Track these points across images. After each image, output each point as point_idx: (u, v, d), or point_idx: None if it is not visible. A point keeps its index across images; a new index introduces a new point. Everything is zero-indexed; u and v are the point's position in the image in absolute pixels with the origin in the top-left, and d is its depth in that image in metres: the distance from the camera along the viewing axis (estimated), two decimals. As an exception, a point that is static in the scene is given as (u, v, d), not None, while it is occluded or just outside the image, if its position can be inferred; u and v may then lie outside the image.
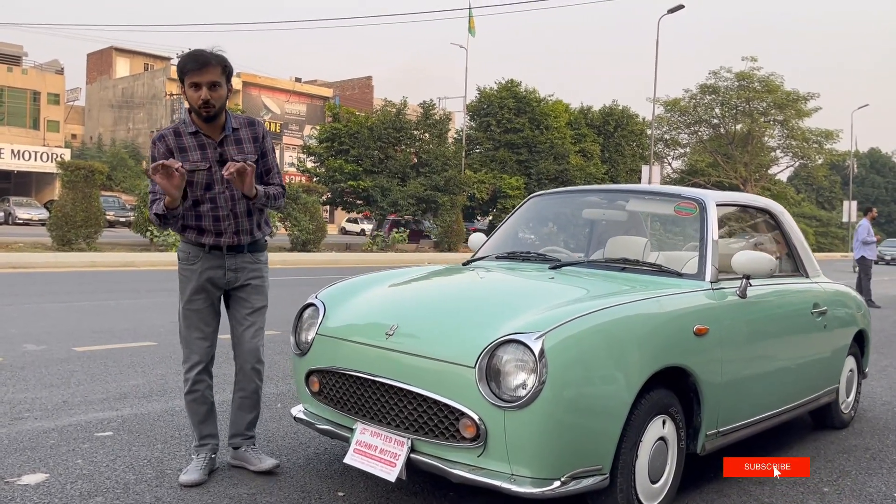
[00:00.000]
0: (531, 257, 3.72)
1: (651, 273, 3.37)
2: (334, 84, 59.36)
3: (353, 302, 3.22)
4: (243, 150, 3.15)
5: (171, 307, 8.98)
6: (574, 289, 3.06)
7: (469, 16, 33.58)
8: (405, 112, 30.67)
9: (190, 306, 3.22)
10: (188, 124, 3.11)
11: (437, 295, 3.20)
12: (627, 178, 39.08)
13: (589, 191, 4.54)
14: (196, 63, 2.96)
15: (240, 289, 3.27)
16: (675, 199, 3.71)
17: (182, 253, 3.23)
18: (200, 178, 3.08)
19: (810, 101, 40.88)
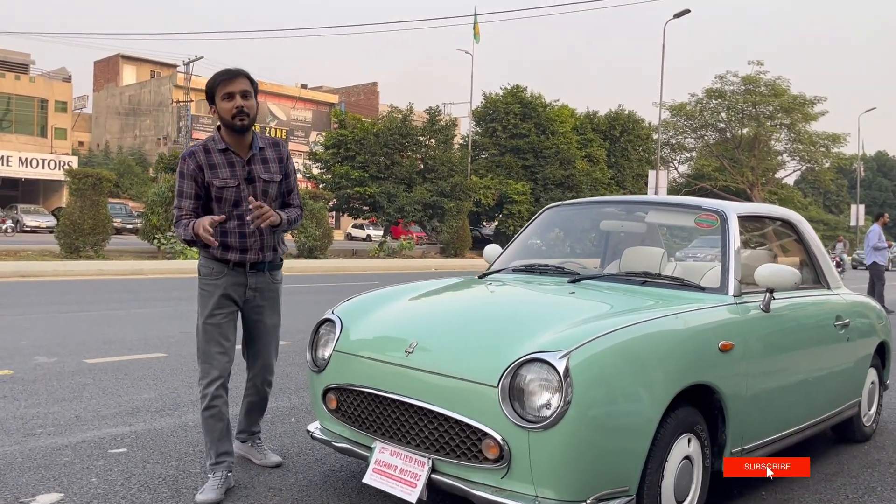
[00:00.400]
0: (549, 270, 3.67)
1: (673, 287, 3.31)
2: (340, 90, 59.47)
3: (370, 317, 3.18)
4: (269, 170, 3.22)
5: (180, 317, 9.02)
6: (596, 304, 3.01)
7: (474, 22, 33.62)
8: (411, 118, 30.67)
9: (210, 321, 3.22)
10: (217, 141, 3.16)
11: (457, 310, 3.15)
12: (634, 183, 39.00)
13: (606, 202, 4.49)
14: (226, 74, 3.06)
15: (257, 306, 3.32)
16: (695, 211, 3.66)
17: (205, 268, 3.25)
18: (229, 195, 3.13)
19: (817, 105, 40.76)
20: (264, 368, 3.45)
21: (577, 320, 2.73)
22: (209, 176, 3.09)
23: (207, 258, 3.23)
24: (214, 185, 3.09)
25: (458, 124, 35.27)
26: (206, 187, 3.12)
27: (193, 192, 3.12)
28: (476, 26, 33.17)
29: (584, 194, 34.09)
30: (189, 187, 3.12)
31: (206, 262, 3.24)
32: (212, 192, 3.12)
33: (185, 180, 3.12)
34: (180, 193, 3.14)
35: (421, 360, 2.74)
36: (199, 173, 3.09)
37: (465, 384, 2.59)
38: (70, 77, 50.50)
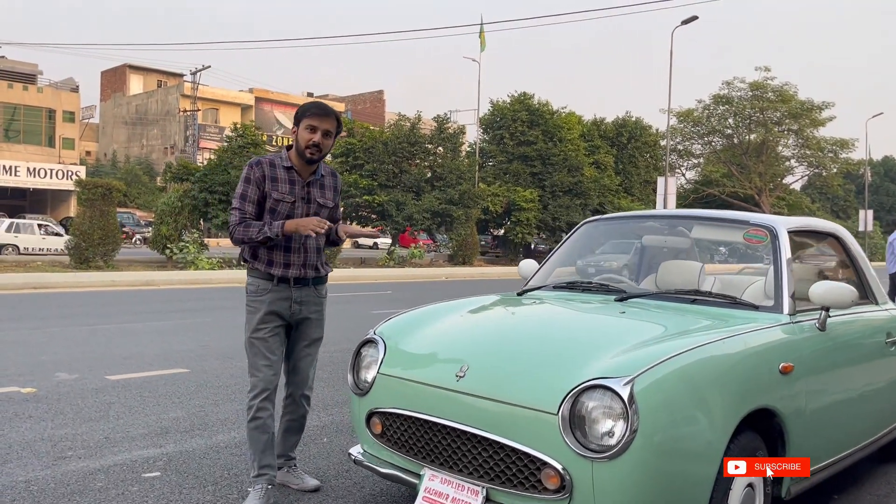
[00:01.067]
0: (592, 288, 3.59)
1: (724, 305, 3.22)
2: (346, 98, 59.58)
3: (414, 338, 3.10)
4: (325, 196, 3.37)
5: (197, 329, 8.94)
6: (651, 325, 2.92)
7: (480, 30, 33.60)
8: (419, 126, 30.65)
9: (256, 335, 3.29)
10: (284, 159, 3.29)
11: (505, 331, 3.06)
12: (641, 190, 38.89)
13: (647, 216, 4.39)
14: (319, 109, 3.23)
15: (301, 321, 3.38)
16: (743, 226, 3.57)
17: (251, 286, 3.32)
18: (284, 209, 3.24)
19: (825, 111, 40.60)
20: (303, 382, 3.47)
21: (635, 343, 2.64)
22: (269, 187, 3.22)
23: (254, 277, 3.33)
24: (272, 196, 3.21)
25: (465, 132, 35.13)
26: (264, 197, 3.23)
27: (256, 198, 3.23)
28: (482, 34, 33.14)
29: (592, 201, 34.00)
30: (254, 193, 3.23)
31: (253, 281, 3.33)
32: (267, 203, 3.22)
33: (250, 185, 3.22)
34: (244, 197, 3.23)
35: (473, 384, 2.65)
36: (263, 182, 3.22)
37: (521, 411, 2.50)
38: (77, 87, 50.64)
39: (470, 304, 3.50)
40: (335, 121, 3.25)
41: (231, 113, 50.86)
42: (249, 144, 24.21)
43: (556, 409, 2.41)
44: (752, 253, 4.20)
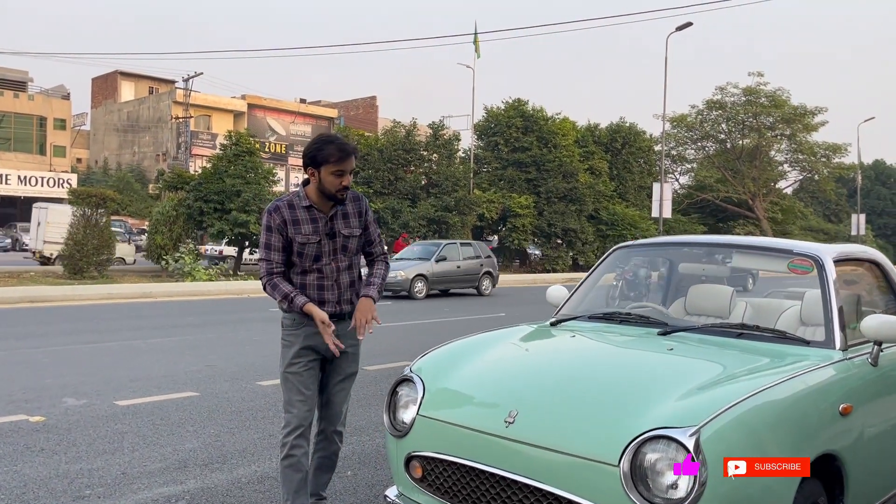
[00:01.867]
0: (632, 319, 3.48)
1: (773, 340, 3.12)
2: (339, 104, 59.41)
3: (455, 377, 2.99)
4: (349, 225, 3.24)
5: (201, 347, 8.78)
6: (704, 365, 2.82)
7: (475, 38, 33.57)
8: (415, 133, 30.56)
9: (290, 370, 3.21)
10: (302, 198, 3.18)
11: (554, 372, 2.94)
12: (636, 195, 38.87)
13: (682, 243, 4.29)
14: (341, 153, 3.08)
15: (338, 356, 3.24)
16: (787, 256, 3.47)
17: (286, 320, 3.23)
18: (310, 250, 3.17)
19: (818, 116, 40.77)
20: (336, 417, 3.36)
21: (693, 387, 2.54)
22: (292, 231, 3.15)
23: (287, 312, 3.24)
24: (297, 240, 3.14)
25: (461, 138, 35.05)
26: (289, 242, 3.16)
27: (281, 245, 3.16)
28: (477, 42, 33.10)
29: (587, 207, 33.94)
30: (277, 241, 3.15)
31: (288, 315, 3.23)
32: (294, 247, 3.16)
33: (272, 234, 3.15)
34: (268, 246, 3.17)
35: (524, 431, 2.54)
36: (285, 227, 3.15)
37: (578, 461, 2.39)
38: (69, 94, 50.34)
39: (506, 338, 3.39)
40: (354, 157, 3.16)
41: (223, 120, 50.62)
42: (244, 153, 24.03)
43: (616, 460, 2.31)
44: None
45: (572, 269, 32.97)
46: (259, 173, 23.76)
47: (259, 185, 23.22)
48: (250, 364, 7.63)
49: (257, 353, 8.48)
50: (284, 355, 3.21)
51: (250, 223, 21.53)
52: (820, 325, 3.54)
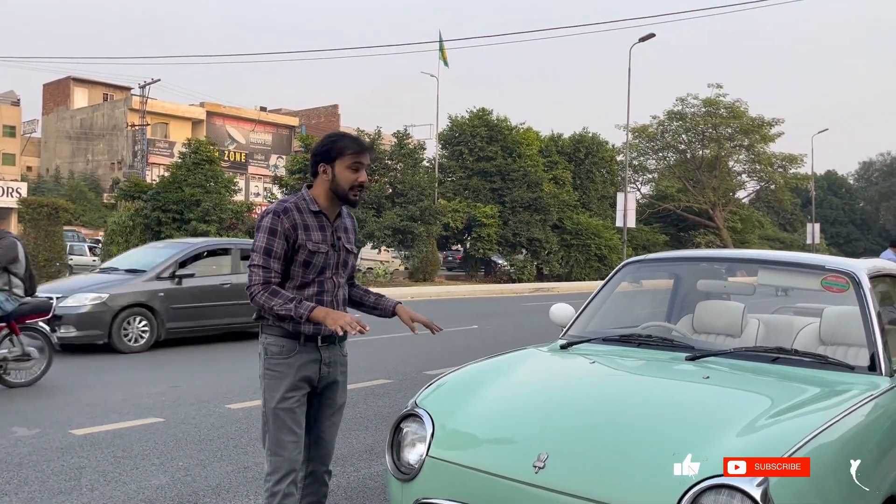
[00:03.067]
0: (653, 342, 3.20)
1: (812, 366, 2.86)
2: (300, 112, 58.66)
3: (468, 412, 2.66)
4: (349, 240, 2.95)
5: (162, 366, 8.21)
6: (751, 397, 2.55)
7: (440, 47, 33.39)
8: (379, 142, 30.19)
9: (283, 405, 2.76)
10: (310, 202, 2.82)
11: (582, 406, 2.62)
12: (599, 205, 39.07)
13: (698, 258, 4.03)
14: (358, 144, 2.81)
15: (329, 385, 2.91)
16: (819, 272, 3.23)
17: (273, 347, 2.80)
18: (319, 260, 2.80)
19: (775, 127, 41.59)
20: (327, 456, 2.98)
21: (745, 425, 2.26)
22: (303, 237, 2.76)
23: (277, 335, 2.79)
24: (307, 248, 2.76)
25: (426, 147, 34.79)
26: (295, 249, 2.75)
27: (283, 253, 2.75)
28: (443, 51, 32.91)
29: (552, 217, 33.94)
30: (281, 247, 2.74)
31: (276, 340, 2.80)
32: (299, 256, 2.76)
33: (277, 239, 2.73)
34: (269, 252, 2.74)
35: (557, 477, 2.22)
36: (293, 233, 2.75)
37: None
38: (18, 101, 48.71)
39: (518, 365, 3.07)
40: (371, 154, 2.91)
41: (181, 128, 49.51)
42: (204, 161, 23.39)
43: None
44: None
45: (537, 278, 32.88)
46: (220, 182, 23.15)
47: (220, 194, 22.62)
48: (217, 384, 7.18)
49: (223, 371, 8.02)
50: (273, 388, 2.77)
51: (210, 233, 20.90)
52: (843, 346, 3.32)
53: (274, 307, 2.69)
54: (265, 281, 2.72)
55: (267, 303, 2.70)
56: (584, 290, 28.01)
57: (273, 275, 2.73)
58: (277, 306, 2.68)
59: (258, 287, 2.72)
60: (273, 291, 2.71)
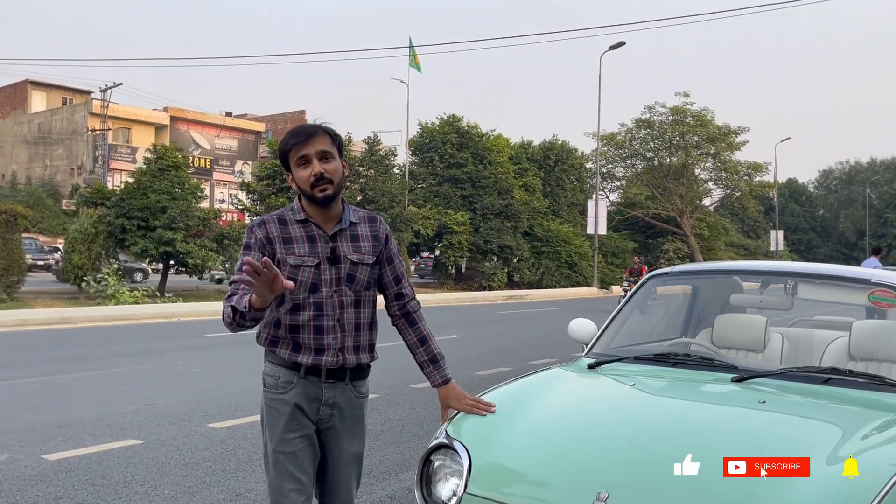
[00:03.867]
0: (691, 361, 3.00)
1: (870, 387, 2.68)
2: (266, 118, 57.93)
3: (508, 444, 2.42)
4: (360, 249, 2.48)
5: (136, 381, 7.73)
6: (820, 426, 2.35)
7: (411, 53, 33.18)
8: (349, 148, 29.84)
9: (283, 448, 2.41)
10: (296, 211, 2.45)
11: (636, 436, 2.38)
12: (568, 212, 39.20)
13: (729, 270, 3.85)
14: (300, 135, 2.38)
15: (333, 428, 2.47)
16: (865, 286, 3.06)
17: (269, 378, 2.46)
18: (306, 276, 2.39)
19: (740, 135, 42.22)
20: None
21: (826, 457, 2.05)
22: (282, 252, 2.39)
23: (273, 363, 2.45)
24: (288, 262, 2.38)
25: (396, 154, 34.50)
26: (278, 266, 2.34)
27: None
28: (415, 56, 32.70)
29: (522, 224, 33.91)
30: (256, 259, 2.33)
31: (272, 370, 2.45)
32: (283, 273, 2.31)
33: (250, 252, 2.40)
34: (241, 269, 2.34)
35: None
36: (268, 246, 2.39)
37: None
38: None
39: (550, 388, 2.84)
40: (327, 135, 2.39)
41: (144, 133, 48.47)
42: (170, 167, 22.80)
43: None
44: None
45: (508, 286, 32.78)
46: (186, 189, 22.58)
47: (186, 200, 22.05)
48: (196, 401, 6.83)
49: (200, 387, 7.66)
50: (271, 427, 2.43)
51: (177, 241, 20.36)
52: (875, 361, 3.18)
53: (225, 313, 2.25)
54: (231, 294, 2.31)
55: (225, 310, 2.27)
56: (556, 297, 28.00)
57: (241, 292, 2.28)
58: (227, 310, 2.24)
59: (223, 303, 2.32)
60: (230, 296, 2.29)
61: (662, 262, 40.90)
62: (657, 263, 41.24)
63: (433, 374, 2.59)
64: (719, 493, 1.99)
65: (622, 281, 19.35)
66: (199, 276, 22.31)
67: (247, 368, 8.87)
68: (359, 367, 2.48)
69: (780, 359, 3.52)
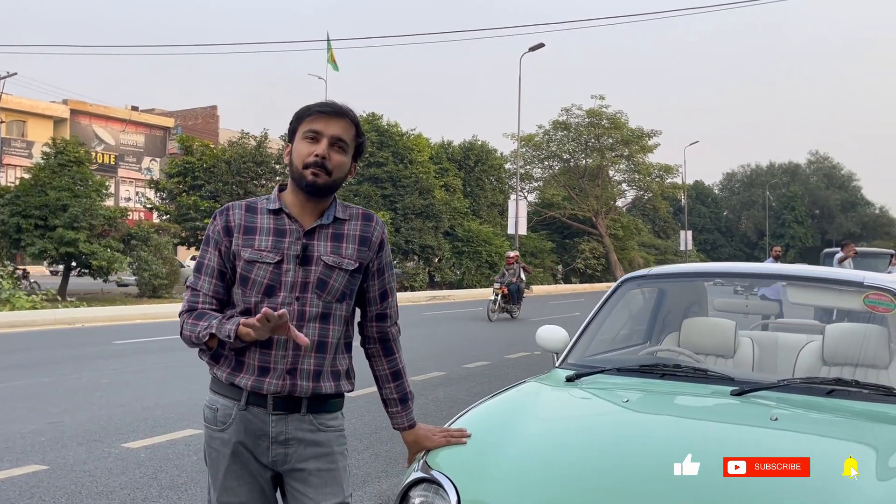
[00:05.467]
0: (681, 373, 2.76)
1: (876, 399, 2.50)
2: (175, 113, 55.63)
3: (497, 474, 2.10)
4: (340, 251, 2.02)
5: (36, 397, 6.91)
6: (842, 445, 2.13)
7: (328, 48, 32.50)
8: (266, 145, 28.93)
9: (227, 499, 1.99)
10: (272, 200, 2.05)
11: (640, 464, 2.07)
12: (488, 212, 39.36)
13: (709, 273, 3.64)
14: (325, 106, 1.99)
15: (296, 473, 1.99)
16: (859, 290, 2.91)
17: (207, 410, 2.02)
18: (261, 275, 1.96)
19: (653, 138, 43.59)
20: None
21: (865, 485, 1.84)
22: (239, 243, 1.98)
23: (213, 390, 2.02)
24: (242, 257, 1.97)
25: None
26: (232, 260, 1.99)
27: (216, 268, 2.00)
28: (331, 53, 32.02)
29: (444, 224, 33.78)
30: (212, 259, 2.01)
31: (211, 399, 2.02)
32: (237, 269, 1.98)
33: (209, 248, 2.03)
34: (199, 268, 2.03)
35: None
36: (225, 238, 2.00)
37: None
38: None
39: (530, 407, 2.55)
40: (352, 125, 2.01)
41: (41, 126, 45.59)
42: (71, 162, 21.40)
43: None
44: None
45: (429, 286, 32.57)
46: (90, 186, 21.25)
47: (90, 198, 20.75)
48: (107, 418, 6.20)
49: (112, 401, 7.00)
50: (213, 472, 2.02)
51: (79, 241, 19.10)
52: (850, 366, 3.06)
53: (200, 334, 1.91)
54: (190, 308, 1.99)
55: (191, 333, 1.94)
56: (479, 297, 27.88)
57: (202, 298, 1.99)
58: (201, 333, 1.91)
59: (183, 317, 1.99)
60: (199, 314, 1.96)
61: (579, 261, 41.70)
62: (573, 263, 42.02)
63: (400, 414, 2.18)
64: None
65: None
66: (104, 279, 21.09)
67: (164, 379, 8.23)
68: (317, 395, 1.98)
69: (752, 365, 3.37)
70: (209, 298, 1.99)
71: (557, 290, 35.47)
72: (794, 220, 74.01)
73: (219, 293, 2.00)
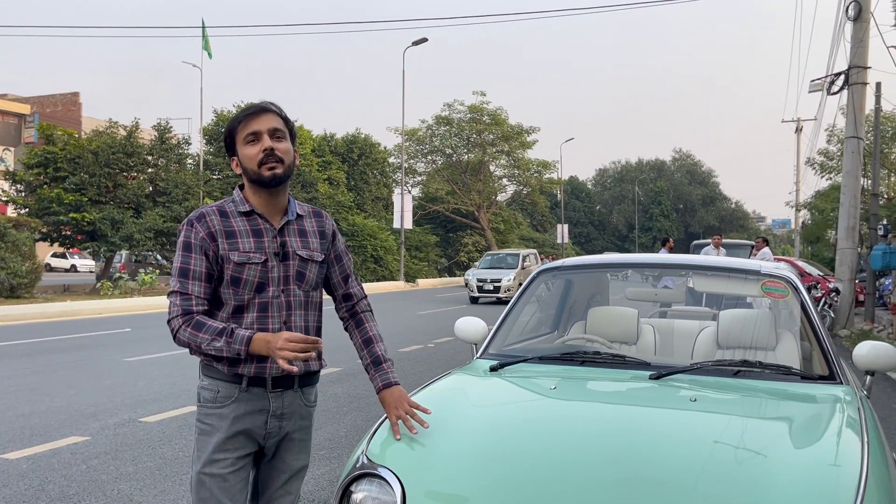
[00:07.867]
0: (600, 359, 2.86)
1: (779, 378, 2.69)
2: (32, 99, 51.64)
3: (444, 465, 2.09)
4: (308, 245, 2.27)
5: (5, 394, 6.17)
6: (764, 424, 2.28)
7: (203, 34, 31.20)
8: (137, 135, 27.38)
9: (210, 470, 2.11)
10: (239, 202, 2.21)
11: (578, 452, 2.10)
12: (373, 206, 39.26)
13: (621, 264, 3.77)
14: (252, 109, 2.18)
15: (282, 440, 2.25)
16: (757, 277, 3.11)
17: (206, 392, 2.18)
18: (251, 275, 2.16)
19: (532, 134, 44.86)
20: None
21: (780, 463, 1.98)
22: (225, 247, 2.15)
23: (212, 377, 2.17)
24: (232, 260, 2.15)
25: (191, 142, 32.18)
26: (220, 264, 2.16)
27: (204, 272, 2.14)
28: (206, 40, 30.74)
29: (327, 218, 33.37)
30: (199, 264, 2.14)
31: (210, 384, 2.17)
32: (226, 272, 2.15)
33: (193, 254, 2.14)
34: (185, 273, 2.14)
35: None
36: (212, 243, 2.15)
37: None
38: None
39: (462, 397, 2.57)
40: (279, 116, 2.19)
41: None
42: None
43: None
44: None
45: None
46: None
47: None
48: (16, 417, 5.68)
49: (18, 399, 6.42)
50: (201, 446, 2.15)
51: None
52: (741, 349, 3.29)
53: (202, 345, 2.07)
54: (185, 311, 2.09)
55: (192, 340, 2.08)
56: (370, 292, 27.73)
57: (195, 301, 2.12)
58: (205, 344, 2.07)
59: (178, 321, 2.08)
60: (197, 324, 2.09)
61: (462, 254, 42.36)
62: (456, 257, 42.65)
63: (374, 377, 2.33)
64: (701, 492, 1.83)
65: None
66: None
67: (35, 385, 7.64)
68: (308, 374, 2.26)
69: (655, 349, 3.55)
70: (201, 301, 2.13)
71: (442, 283, 35.88)
72: (661, 213, 78.54)
73: (209, 295, 2.16)
